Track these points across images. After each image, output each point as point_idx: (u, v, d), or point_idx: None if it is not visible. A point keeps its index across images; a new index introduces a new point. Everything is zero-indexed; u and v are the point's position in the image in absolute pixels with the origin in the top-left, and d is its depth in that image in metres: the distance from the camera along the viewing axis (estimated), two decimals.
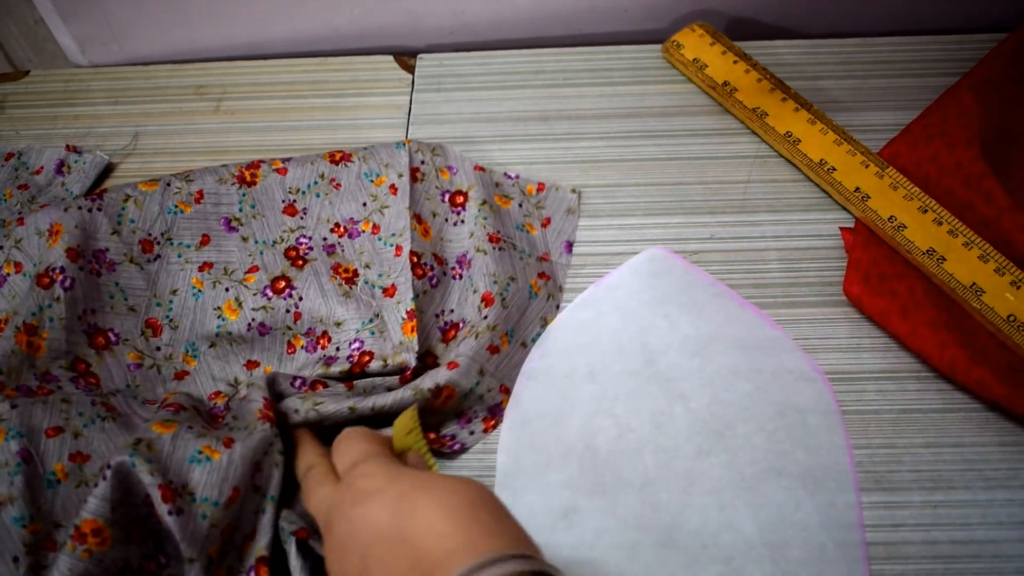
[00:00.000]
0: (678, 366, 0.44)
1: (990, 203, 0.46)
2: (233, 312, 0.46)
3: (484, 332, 0.44)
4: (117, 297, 0.46)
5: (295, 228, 0.49)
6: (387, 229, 0.48)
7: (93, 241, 0.46)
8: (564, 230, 0.50)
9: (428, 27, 0.60)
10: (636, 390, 0.44)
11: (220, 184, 0.49)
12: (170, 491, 0.35)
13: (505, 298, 0.46)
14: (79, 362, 0.44)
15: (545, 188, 0.51)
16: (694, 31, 0.57)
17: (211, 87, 0.58)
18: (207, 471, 0.36)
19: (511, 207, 0.50)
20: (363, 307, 0.46)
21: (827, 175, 0.50)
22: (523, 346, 0.46)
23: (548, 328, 0.46)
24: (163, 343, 0.46)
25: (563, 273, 0.48)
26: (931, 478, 0.41)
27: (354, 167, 0.50)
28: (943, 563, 0.39)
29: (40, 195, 0.52)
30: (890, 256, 0.47)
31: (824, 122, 0.51)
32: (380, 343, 0.45)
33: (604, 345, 0.45)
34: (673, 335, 0.45)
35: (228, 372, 0.45)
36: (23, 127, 0.57)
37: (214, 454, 0.37)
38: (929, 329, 0.44)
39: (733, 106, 0.54)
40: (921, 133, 0.50)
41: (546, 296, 0.47)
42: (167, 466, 0.36)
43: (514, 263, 0.47)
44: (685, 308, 0.46)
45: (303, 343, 0.46)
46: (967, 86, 0.50)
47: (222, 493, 0.36)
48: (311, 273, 0.47)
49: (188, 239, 0.48)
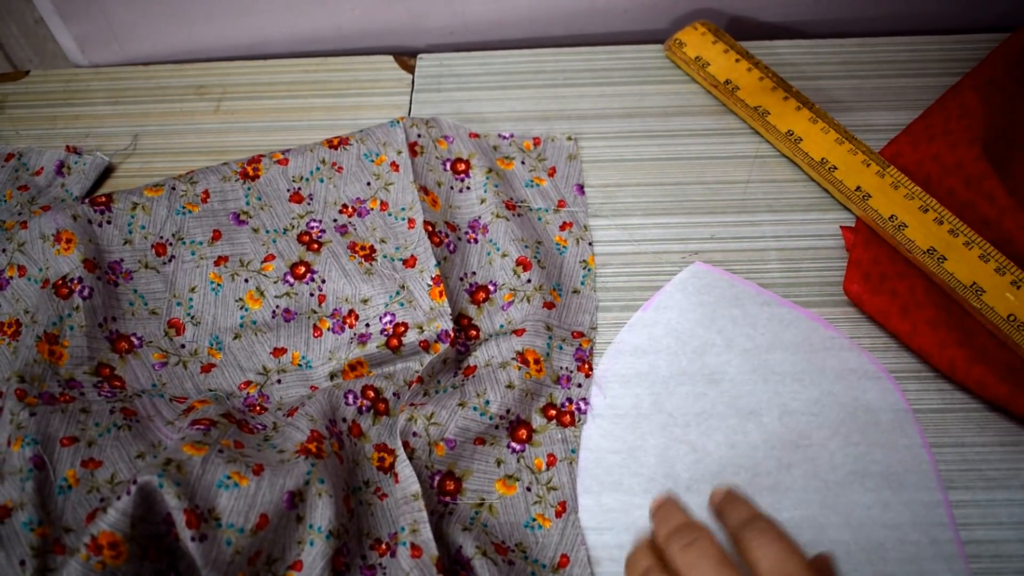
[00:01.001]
0: (742, 382, 0.44)
1: (991, 203, 0.46)
2: (256, 302, 0.46)
3: (534, 294, 0.46)
4: (137, 303, 0.46)
5: (303, 214, 0.49)
6: (396, 204, 0.49)
7: (107, 254, 0.47)
8: (571, 175, 0.51)
9: (428, 27, 0.60)
10: (704, 412, 0.43)
11: (224, 182, 0.50)
12: (195, 516, 0.35)
13: (540, 259, 0.47)
14: (103, 367, 0.44)
15: (542, 141, 0.52)
16: (696, 29, 0.57)
17: (211, 87, 0.58)
18: (234, 497, 0.36)
19: (515, 167, 0.51)
20: (387, 281, 0.46)
21: (828, 174, 0.50)
22: (575, 292, 0.47)
23: (602, 359, 0.45)
24: (187, 340, 0.46)
25: (583, 214, 0.50)
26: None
27: (353, 149, 0.51)
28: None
29: (40, 196, 0.52)
30: (891, 255, 0.47)
31: (825, 121, 0.51)
32: (412, 312, 0.45)
33: (663, 371, 0.45)
34: (731, 352, 0.45)
35: (255, 361, 0.45)
36: (23, 127, 0.57)
37: (242, 480, 0.36)
38: (929, 328, 0.44)
39: (735, 105, 0.54)
40: (923, 132, 0.50)
41: (575, 242, 0.49)
42: (195, 490, 0.36)
43: (535, 226, 0.49)
44: (738, 322, 0.46)
45: (329, 325, 0.46)
46: (970, 86, 0.50)
47: (248, 520, 0.36)
48: (329, 255, 0.48)
49: (200, 236, 0.48)
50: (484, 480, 0.41)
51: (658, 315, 0.46)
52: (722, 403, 0.43)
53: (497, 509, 0.40)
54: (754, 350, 0.45)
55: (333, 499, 0.37)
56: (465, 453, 0.41)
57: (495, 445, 0.42)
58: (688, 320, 0.46)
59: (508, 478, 0.41)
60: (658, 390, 0.44)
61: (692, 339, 0.45)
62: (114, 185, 0.53)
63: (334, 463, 0.39)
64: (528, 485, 0.41)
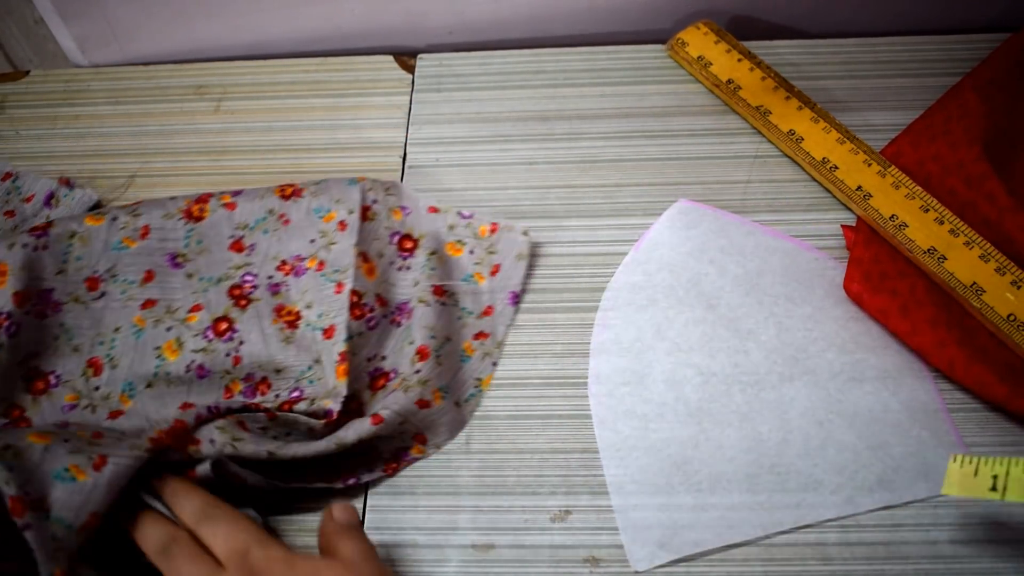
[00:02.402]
0: (738, 305, 0.46)
1: (992, 203, 0.46)
2: (173, 353, 0.45)
3: (415, 386, 0.43)
4: (62, 338, 0.45)
5: (241, 265, 0.48)
6: (331, 265, 0.47)
7: (40, 281, 0.45)
8: (512, 277, 0.48)
9: (428, 27, 0.60)
10: (706, 336, 0.45)
11: (166, 219, 0.48)
12: (22, 504, 0.34)
13: (440, 356, 0.45)
14: (14, 408, 0.43)
15: (499, 229, 0.49)
16: (699, 29, 0.57)
17: (211, 87, 0.58)
18: (69, 491, 0.35)
19: (462, 255, 0.49)
20: (303, 352, 0.45)
21: (829, 173, 0.50)
22: (456, 405, 0.45)
23: (603, 298, 0.47)
24: (102, 383, 0.45)
25: (504, 327, 0.47)
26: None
27: (304, 202, 0.48)
28: (943, 563, 0.39)
29: (23, 225, 0.50)
30: (891, 254, 0.47)
31: (827, 121, 0.51)
32: (317, 390, 0.44)
33: (662, 303, 0.47)
34: (724, 278, 0.47)
35: (164, 413, 0.44)
36: (23, 127, 0.57)
37: (80, 474, 0.36)
38: (929, 327, 0.44)
39: (736, 104, 0.54)
40: (924, 132, 0.50)
41: (481, 356, 0.46)
42: (29, 477, 0.35)
43: (452, 322, 0.47)
44: (726, 251, 0.48)
45: (241, 388, 0.45)
46: (971, 86, 0.50)
47: (79, 517, 0.35)
48: (254, 315, 0.46)
49: (132, 275, 0.47)
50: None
51: (650, 253, 0.48)
52: (721, 326, 0.46)
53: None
54: (745, 275, 0.47)
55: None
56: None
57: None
58: (679, 254, 0.48)
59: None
60: (659, 320, 0.46)
61: (685, 271, 0.47)
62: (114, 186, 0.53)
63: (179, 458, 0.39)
64: None
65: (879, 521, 0.40)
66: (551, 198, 0.52)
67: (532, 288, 0.48)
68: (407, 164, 0.54)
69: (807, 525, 0.40)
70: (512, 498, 0.42)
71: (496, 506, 0.42)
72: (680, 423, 0.43)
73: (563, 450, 0.43)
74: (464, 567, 0.41)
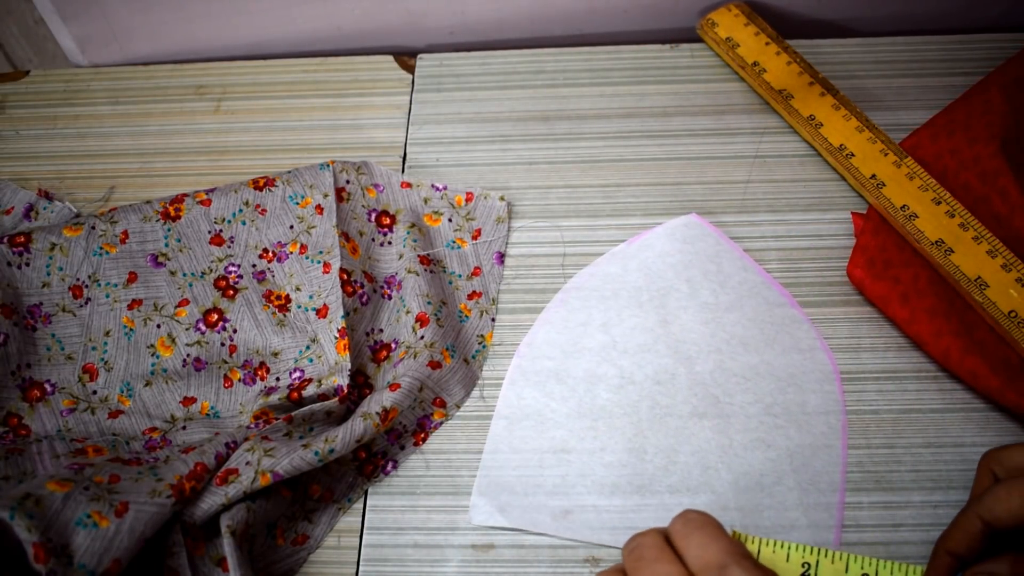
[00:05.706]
0: (691, 330, 0.46)
1: (1004, 199, 0.46)
2: (167, 349, 0.46)
3: (422, 351, 0.44)
4: (54, 348, 0.46)
5: (223, 257, 0.48)
6: (314, 247, 0.48)
7: (26, 297, 0.46)
8: (494, 240, 0.49)
9: (428, 27, 0.60)
10: (644, 346, 0.45)
11: (144, 222, 0.48)
12: (44, 550, 0.34)
13: (439, 318, 0.46)
14: (11, 417, 0.44)
15: (474, 198, 0.50)
16: (730, 11, 0.57)
17: (211, 87, 0.58)
18: (91, 537, 0.35)
19: (441, 224, 0.50)
20: (299, 334, 0.46)
21: (845, 160, 0.50)
22: (466, 362, 0.46)
23: (575, 277, 0.48)
24: (99, 386, 0.45)
25: (495, 285, 0.48)
26: (931, 478, 0.41)
27: (278, 191, 0.49)
28: None
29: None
30: (899, 244, 0.47)
31: (849, 109, 0.52)
32: (318, 367, 0.45)
33: (623, 300, 0.47)
34: (691, 300, 0.47)
35: (164, 409, 0.45)
36: (23, 127, 0.57)
37: (103, 521, 0.36)
38: (927, 316, 0.44)
39: (760, 86, 0.54)
40: (944, 127, 0.50)
41: (479, 314, 0.47)
42: (50, 524, 0.35)
43: (444, 286, 0.48)
44: (709, 276, 0.47)
45: (240, 376, 0.46)
46: (997, 83, 0.50)
47: (101, 563, 0.35)
48: (243, 303, 0.47)
49: (115, 278, 0.47)
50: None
51: (639, 251, 0.48)
52: (664, 342, 0.45)
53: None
54: (713, 306, 0.46)
55: (184, 551, 0.38)
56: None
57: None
58: (663, 262, 0.48)
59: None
60: (611, 315, 0.47)
61: (659, 280, 0.47)
62: (115, 186, 0.53)
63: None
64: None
65: (879, 521, 0.40)
66: (551, 198, 0.52)
67: (532, 288, 0.48)
68: (407, 164, 0.54)
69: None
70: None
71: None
72: (578, 413, 0.44)
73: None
74: (464, 567, 0.41)
